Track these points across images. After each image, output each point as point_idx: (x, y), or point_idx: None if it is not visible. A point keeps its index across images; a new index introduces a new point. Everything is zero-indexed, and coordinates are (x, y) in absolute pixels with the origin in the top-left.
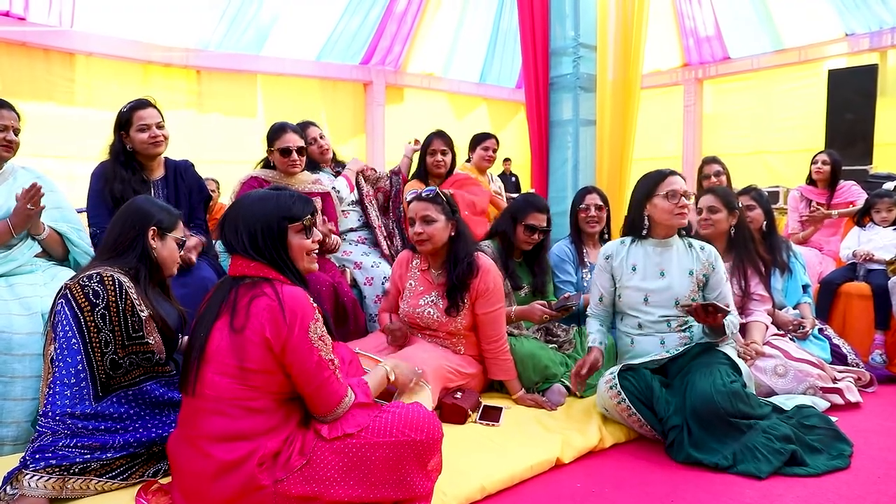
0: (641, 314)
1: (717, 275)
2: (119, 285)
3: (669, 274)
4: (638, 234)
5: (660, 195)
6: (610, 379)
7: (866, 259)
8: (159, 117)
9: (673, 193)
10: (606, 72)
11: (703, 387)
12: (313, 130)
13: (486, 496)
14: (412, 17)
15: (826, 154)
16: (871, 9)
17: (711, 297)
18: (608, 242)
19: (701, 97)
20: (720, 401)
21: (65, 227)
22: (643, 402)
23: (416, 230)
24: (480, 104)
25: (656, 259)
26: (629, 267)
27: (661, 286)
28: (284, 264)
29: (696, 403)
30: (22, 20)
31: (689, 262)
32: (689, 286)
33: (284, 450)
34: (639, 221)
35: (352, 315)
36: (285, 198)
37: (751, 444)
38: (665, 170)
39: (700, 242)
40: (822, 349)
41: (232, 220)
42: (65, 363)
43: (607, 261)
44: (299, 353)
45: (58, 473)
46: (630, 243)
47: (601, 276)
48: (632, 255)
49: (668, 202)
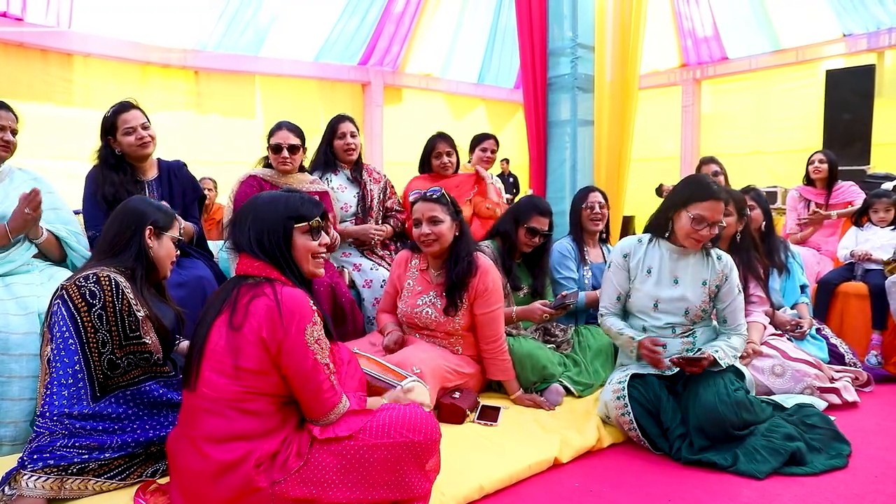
0: (648, 319)
1: (728, 285)
2: (116, 285)
3: (683, 283)
4: (660, 235)
5: (689, 213)
6: (618, 389)
7: (864, 259)
8: (144, 118)
9: (699, 219)
10: (604, 72)
11: (707, 398)
12: (347, 126)
13: (484, 496)
14: (410, 18)
15: (822, 153)
16: (868, 9)
17: (721, 308)
18: (624, 239)
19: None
20: (724, 412)
21: (63, 232)
22: (650, 411)
23: (424, 231)
24: (479, 104)
25: (671, 265)
26: (645, 269)
27: (674, 295)
28: (287, 265)
29: (700, 416)
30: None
31: (703, 271)
32: (702, 296)
33: (282, 451)
34: (664, 223)
35: (350, 316)
36: (295, 199)
37: (751, 446)
38: (714, 191)
39: (718, 251)
40: (819, 349)
41: (242, 218)
42: (62, 363)
43: (625, 259)
44: (294, 355)
45: (56, 473)
46: (647, 243)
47: (618, 273)
48: (648, 257)
49: (691, 225)
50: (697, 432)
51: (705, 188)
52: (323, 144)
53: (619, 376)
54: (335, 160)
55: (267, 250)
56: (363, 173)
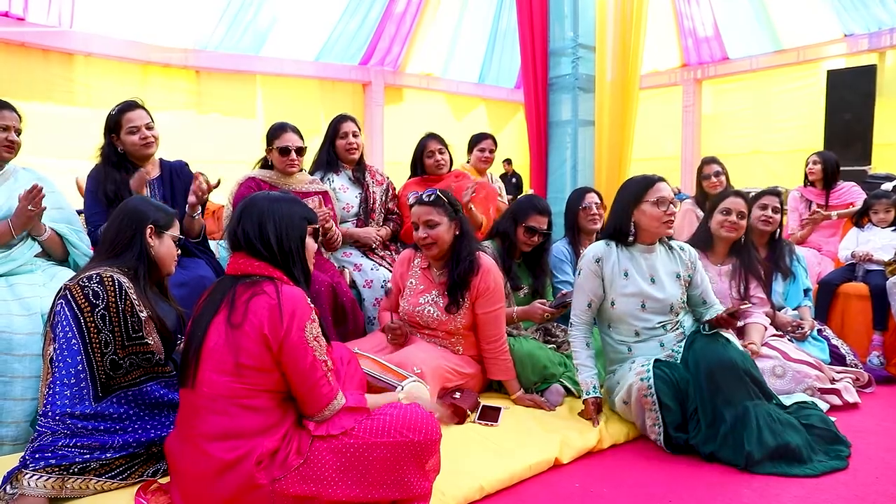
0: (639, 322)
1: (698, 273)
2: (119, 286)
3: (659, 280)
4: (624, 241)
5: (649, 202)
6: (642, 371)
7: (865, 260)
8: (148, 118)
9: (662, 201)
10: (605, 72)
11: (716, 348)
12: (349, 125)
13: (484, 496)
14: (411, 18)
15: (816, 154)
16: (869, 10)
17: (696, 294)
18: (593, 245)
19: (700, 97)
20: (736, 357)
21: (65, 230)
22: (676, 392)
23: (421, 235)
24: (479, 104)
25: (645, 265)
26: (621, 273)
27: (657, 293)
28: (300, 263)
29: (711, 361)
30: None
31: (672, 265)
32: (679, 289)
33: (282, 449)
34: (626, 227)
35: (350, 315)
36: (300, 202)
37: (754, 412)
38: (652, 176)
39: (678, 243)
40: (820, 350)
41: (254, 216)
42: (64, 363)
43: (598, 264)
44: (295, 352)
45: (57, 473)
46: (616, 247)
47: (591, 280)
48: (622, 261)
49: (658, 209)
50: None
51: (645, 179)
52: (325, 144)
53: (641, 360)
54: (337, 160)
55: (283, 250)
56: (366, 175)
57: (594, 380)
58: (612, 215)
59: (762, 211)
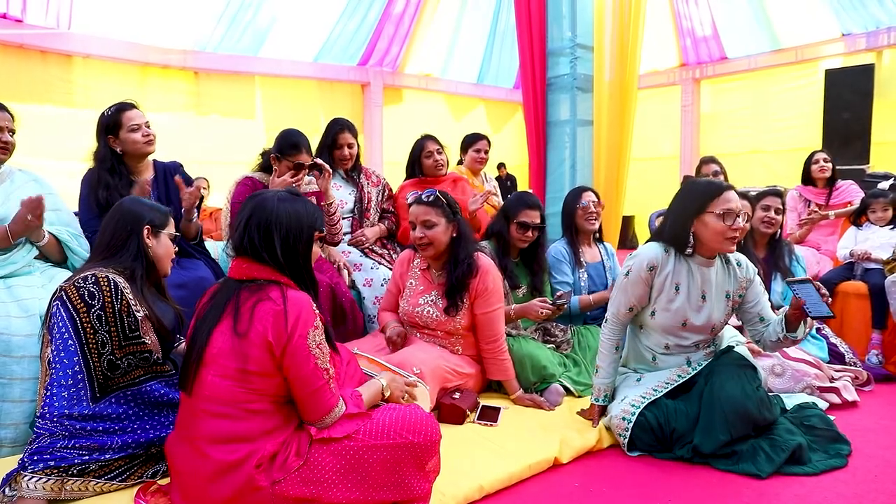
0: (673, 338)
1: (754, 287)
2: (115, 286)
3: (709, 298)
4: (682, 251)
5: (713, 213)
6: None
7: (864, 258)
8: (145, 117)
9: (728, 213)
10: (603, 72)
11: (733, 391)
12: (346, 137)
13: (484, 496)
14: (410, 19)
15: (825, 153)
16: (867, 9)
17: (752, 310)
18: (648, 248)
19: (698, 97)
20: (752, 408)
21: (64, 234)
22: (653, 435)
23: (417, 235)
24: (478, 105)
25: (700, 281)
26: (672, 286)
27: (703, 314)
28: (305, 269)
29: (725, 406)
30: (19, 22)
31: (725, 282)
32: (725, 310)
33: (282, 451)
34: (683, 237)
35: (350, 315)
36: (310, 205)
37: (756, 444)
38: (721, 183)
39: (736, 256)
40: (819, 349)
41: (262, 220)
42: (62, 365)
43: (651, 272)
44: (297, 358)
45: (56, 475)
46: (674, 256)
47: (639, 286)
48: (676, 273)
49: (723, 223)
50: (719, 419)
51: (712, 186)
52: (320, 150)
53: (633, 397)
54: (331, 163)
55: (290, 254)
56: (360, 176)
57: (608, 389)
58: (670, 222)
59: (765, 212)
